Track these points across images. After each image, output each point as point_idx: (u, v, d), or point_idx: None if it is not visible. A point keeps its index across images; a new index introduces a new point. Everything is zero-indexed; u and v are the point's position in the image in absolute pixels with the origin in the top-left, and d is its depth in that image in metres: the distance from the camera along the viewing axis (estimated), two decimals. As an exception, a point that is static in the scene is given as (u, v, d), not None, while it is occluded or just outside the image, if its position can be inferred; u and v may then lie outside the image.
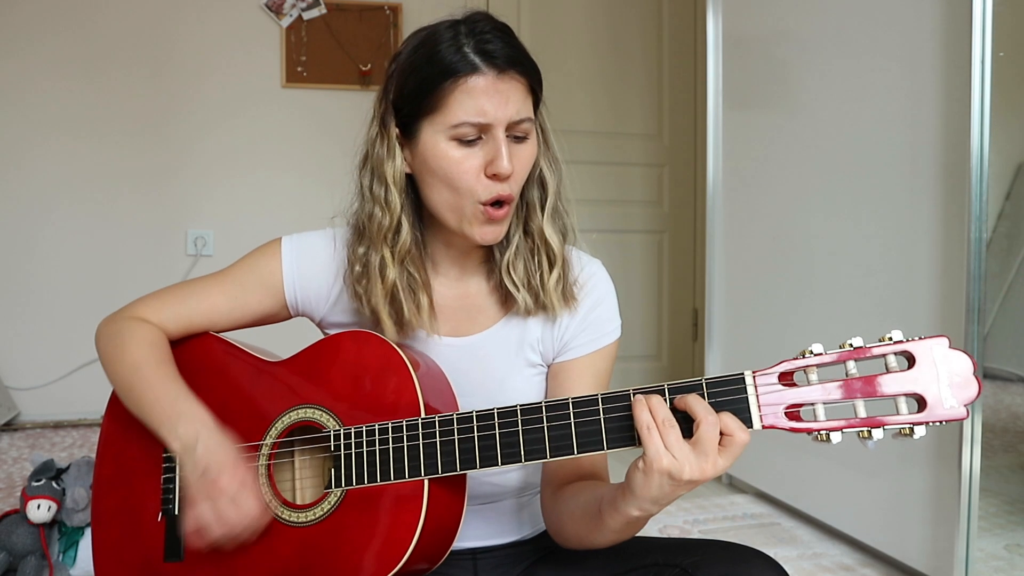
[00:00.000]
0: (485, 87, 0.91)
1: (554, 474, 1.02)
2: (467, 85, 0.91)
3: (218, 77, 3.33)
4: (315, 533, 0.93)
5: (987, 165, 1.62)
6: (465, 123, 0.92)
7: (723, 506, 2.33)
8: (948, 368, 0.75)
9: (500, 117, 0.92)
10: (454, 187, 0.95)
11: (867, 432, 0.76)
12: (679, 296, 3.82)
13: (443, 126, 0.93)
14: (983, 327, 1.64)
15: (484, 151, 0.93)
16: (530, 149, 0.97)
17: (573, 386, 1.03)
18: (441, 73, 0.92)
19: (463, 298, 1.06)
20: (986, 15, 1.59)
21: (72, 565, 1.69)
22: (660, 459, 0.77)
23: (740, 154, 2.45)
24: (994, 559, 1.90)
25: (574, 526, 0.96)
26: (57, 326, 3.21)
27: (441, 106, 0.92)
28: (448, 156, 0.93)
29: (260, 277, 1.07)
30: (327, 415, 0.96)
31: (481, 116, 0.91)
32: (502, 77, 0.92)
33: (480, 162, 0.93)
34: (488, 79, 0.91)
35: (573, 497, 0.97)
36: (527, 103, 0.95)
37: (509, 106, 0.92)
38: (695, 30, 3.72)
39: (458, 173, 0.94)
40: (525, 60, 0.95)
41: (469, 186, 0.94)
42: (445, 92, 0.92)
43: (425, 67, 0.93)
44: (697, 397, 0.79)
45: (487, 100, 0.91)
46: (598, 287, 1.06)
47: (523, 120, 0.94)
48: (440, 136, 0.93)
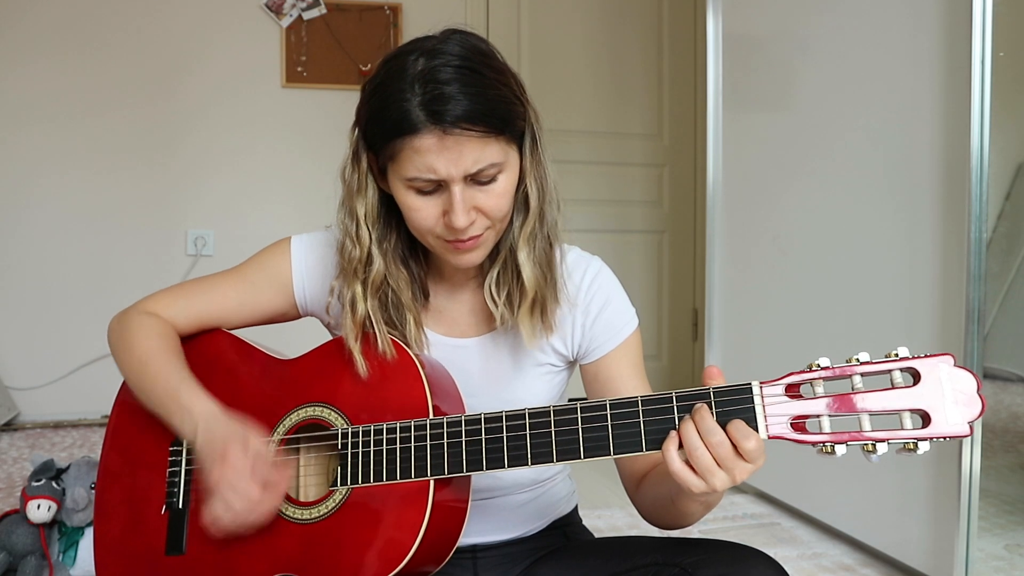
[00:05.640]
0: (431, 145, 0.87)
1: (629, 469, 1.05)
2: (413, 144, 0.87)
3: (218, 77, 3.33)
4: (319, 530, 0.93)
5: (987, 165, 1.62)
6: (417, 178, 0.89)
7: (723, 506, 2.33)
8: (952, 386, 0.76)
9: (453, 173, 0.88)
10: (415, 227, 0.95)
11: (871, 446, 0.77)
12: (679, 296, 3.82)
13: (399, 176, 0.91)
14: (983, 327, 1.64)
15: (443, 200, 0.91)
16: (503, 184, 0.93)
17: (613, 382, 1.05)
18: (390, 129, 0.89)
19: (464, 301, 1.06)
20: (986, 15, 1.59)
21: (72, 565, 1.69)
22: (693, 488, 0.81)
23: (740, 154, 2.45)
24: (994, 559, 1.90)
25: (659, 515, 1.00)
26: (57, 326, 3.22)
27: (395, 158, 0.90)
28: (407, 203, 0.92)
29: (270, 276, 1.07)
30: (335, 413, 0.96)
31: (431, 173, 0.88)
32: (451, 133, 0.86)
33: (438, 211, 0.92)
34: (435, 137, 0.87)
35: (649, 490, 1.00)
36: (487, 150, 0.89)
37: (462, 161, 0.88)
38: (695, 30, 3.72)
39: (417, 219, 0.93)
40: (484, 108, 0.88)
41: (429, 229, 0.93)
42: (395, 148, 0.89)
43: (378, 118, 0.90)
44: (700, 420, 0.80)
45: (435, 158, 0.87)
46: (604, 286, 1.06)
47: (482, 169, 0.89)
48: (399, 183, 0.92)
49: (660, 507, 0.98)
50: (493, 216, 0.93)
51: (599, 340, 1.05)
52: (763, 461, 0.80)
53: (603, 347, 1.05)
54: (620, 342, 1.05)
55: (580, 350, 1.06)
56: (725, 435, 0.79)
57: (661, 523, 1.01)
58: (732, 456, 0.79)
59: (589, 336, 1.05)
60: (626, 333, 1.06)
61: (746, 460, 0.79)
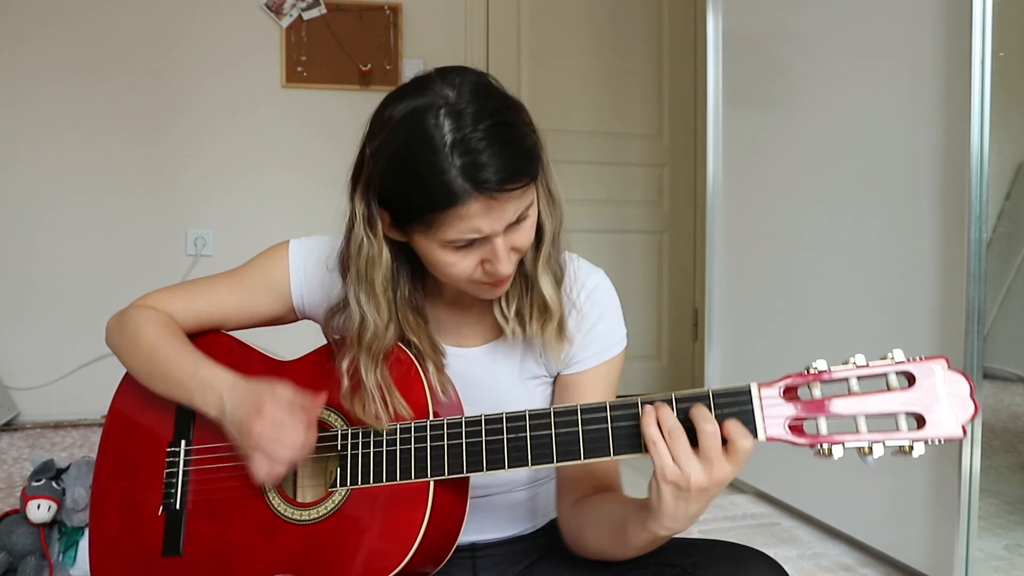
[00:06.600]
0: (478, 211, 0.85)
1: (571, 486, 1.02)
2: (459, 213, 0.85)
3: (218, 77, 3.33)
4: (318, 531, 0.93)
5: (987, 165, 1.62)
6: (459, 240, 0.87)
7: (723, 506, 2.33)
8: (946, 389, 0.78)
9: (498, 228, 0.87)
10: (447, 276, 0.93)
11: (868, 448, 0.78)
12: (679, 296, 3.82)
13: (435, 239, 0.88)
14: (983, 327, 1.64)
15: (481, 251, 0.89)
16: (531, 221, 0.92)
17: (582, 399, 1.02)
18: (430, 204, 0.85)
19: (467, 311, 1.05)
20: (986, 15, 1.59)
21: (72, 565, 1.69)
22: (665, 471, 0.79)
23: (740, 154, 2.45)
24: (994, 559, 1.90)
25: (597, 540, 0.96)
26: (57, 326, 3.21)
27: (434, 226, 0.87)
28: (442, 260, 0.90)
29: (268, 280, 1.07)
30: (335, 415, 0.96)
31: (476, 233, 0.87)
32: (497, 197, 0.85)
33: (475, 261, 0.90)
34: (481, 204, 0.84)
35: (594, 511, 0.97)
36: (525, 196, 0.88)
37: (505, 217, 0.87)
38: (695, 30, 3.71)
39: (454, 272, 0.91)
40: (521, 164, 0.86)
41: (466, 278, 0.92)
42: (436, 219, 0.86)
43: (413, 191, 0.86)
44: (699, 407, 0.80)
45: (481, 221, 0.86)
46: (602, 300, 1.05)
47: (521, 214, 0.89)
48: (434, 244, 0.89)
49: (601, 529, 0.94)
50: (524, 249, 0.93)
51: (584, 354, 1.04)
52: (739, 471, 0.79)
53: (586, 362, 1.04)
54: (603, 361, 1.04)
55: (563, 360, 1.04)
56: (719, 428, 0.79)
57: (592, 546, 0.97)
58: (718, 449, 0.78)
59: (577, 348, 1.03)
60: (611, 353, 1.05)
61: (729, 459, 0.78)
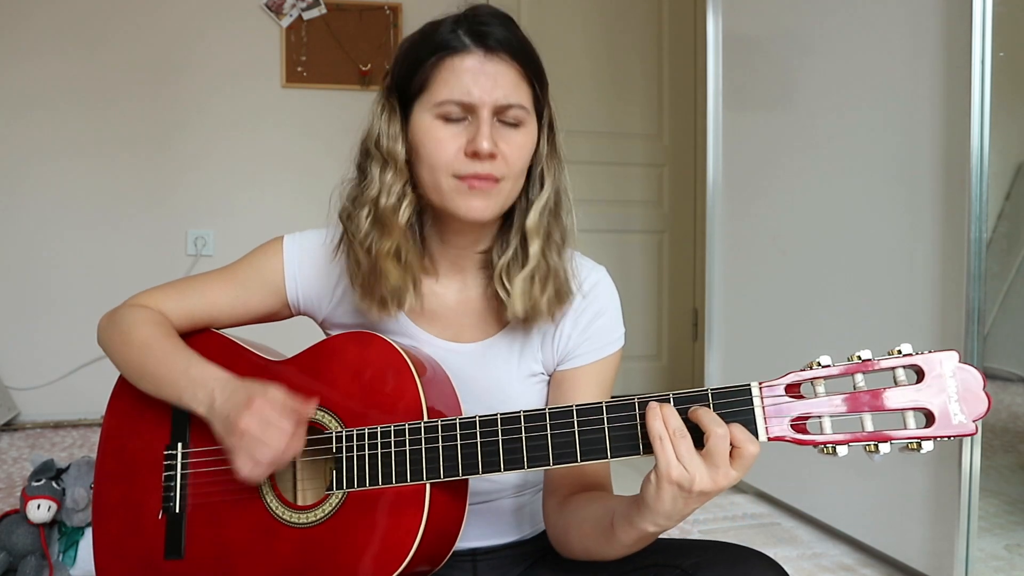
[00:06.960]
0: (471, 67, 0.91)
1: (557, 484, 1.01)
2: (453, 63, 0.91)
3: (218, 77, 3.33)
4: (316, 534, 0.92)
5: (987, 165, 1.62)
6: (449, 101, 0.91)
7: (723, 506, 2.33)
8: (957, 383, 0.74)
9: (486, 99, 0.90)
10: (432, 163, 0.93)
11: (874, 446, 0.75)
12: (679, 296, 3.82)
13: (429, 104, 0.93)
14: (983, 327, 1.64)
15: (468, 131, 0.92)
16: (523, 137, 0.94)
17: (576, 395, 1.02)
18: (430, 51, 0.92)
19: (465, 304, 1.04)
20: (986, 15, 1.59)
21: (72, 565, 1.69)
22: (671, 470, 0.76)
23: (740, 154, 2.45)
24: (994, 559, 1.90)
25: (582, 539, 0.94)
26: (57, 326, 3.21)
27: (429, 84, 0.93)
28: (432, 134, 0.93)
29: (262, 276, 1.06)
30: (330, 416, 0.95)
31: (466, 96, 0.90)
32: (491, 58, 0.91)
33: (462, 141, 0.92)
34: (476, 59, 0.91)
35: (581, 509, 0.95)
36: (520, 90, 0.93)
37: (497, 89, 0.91)
38: (695, 30, 3.71)
39: (439, 150, 0.92)
40: (521, 47, 0.94)
41: (447, 161, 0.92)
42: (432, 69, 0.92)
43: (419, 47, 0.94)
44: (707, 410, 0.78)
45: (472, 80, 0.90)
46: (601, 297, 1.05)
47: (513, 105, 0.92)
48: (427, 115, 0.93)
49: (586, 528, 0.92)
50: (511, 163, 0.93)
51: (581, 350, 1.03)
52: (743, 476, 0.77)
53: (581, 358, 1.03)
54: (599, 358, 1.03)
55: (559, 356, 1.04)
56: (728, 431, 0.76)
57: (576, 544, 0.95)
58: (726, 454, 0.76)
59: (573, 343, 1.03)
60: (608, 351, 1.04)
61: (734, 465, 0.76)
